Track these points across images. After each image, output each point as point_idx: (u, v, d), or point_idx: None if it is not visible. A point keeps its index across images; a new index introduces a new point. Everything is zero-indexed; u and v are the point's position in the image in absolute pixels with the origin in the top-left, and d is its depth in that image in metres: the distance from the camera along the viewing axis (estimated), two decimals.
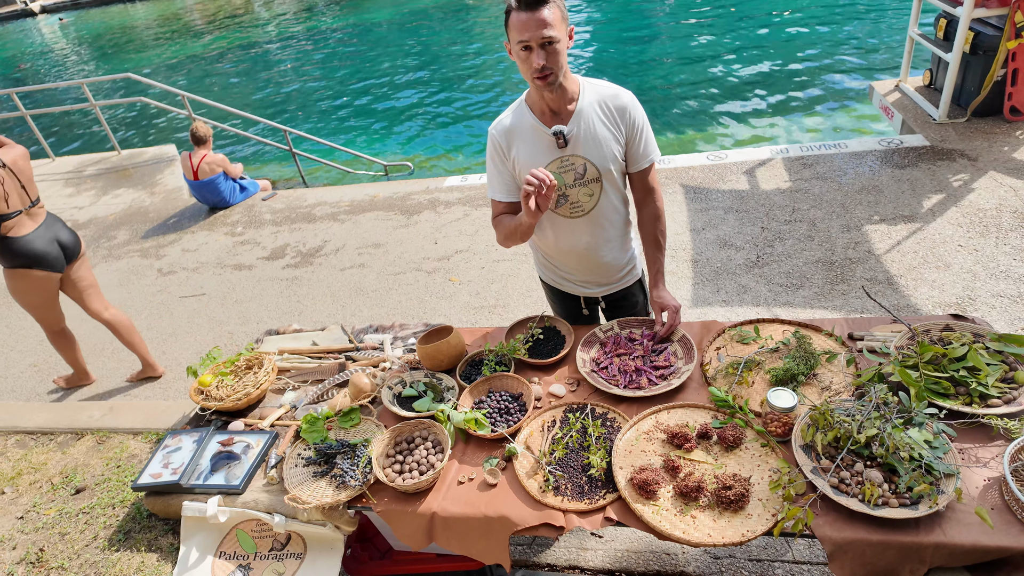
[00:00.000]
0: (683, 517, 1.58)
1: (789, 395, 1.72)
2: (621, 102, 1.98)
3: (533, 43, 1.77)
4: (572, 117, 1.96)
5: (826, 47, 9.34)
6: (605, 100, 1.97)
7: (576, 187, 2.04)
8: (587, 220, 2.10)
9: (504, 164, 2.08)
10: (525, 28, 1.75)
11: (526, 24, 1.74)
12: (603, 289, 2.32)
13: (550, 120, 1.97)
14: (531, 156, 2.00)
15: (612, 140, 1.99)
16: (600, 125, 1.97)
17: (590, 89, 1.98)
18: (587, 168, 2.00)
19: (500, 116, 2.08)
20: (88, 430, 3.04)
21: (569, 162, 2.00)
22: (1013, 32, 4.46)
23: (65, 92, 14.03)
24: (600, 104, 1.97)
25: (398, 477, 1.82)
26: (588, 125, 1.96)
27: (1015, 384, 1.70)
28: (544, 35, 1.75)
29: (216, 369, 2.38)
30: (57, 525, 2.40)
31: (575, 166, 2.00)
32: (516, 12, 1.76)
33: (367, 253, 5.08)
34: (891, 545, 1.44)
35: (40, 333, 4.73)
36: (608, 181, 2.04)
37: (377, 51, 13.79)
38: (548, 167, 2.00)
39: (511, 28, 1.79)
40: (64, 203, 7.06)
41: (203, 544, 1.97)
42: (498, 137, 2.05)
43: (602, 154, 1.99)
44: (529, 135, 2.00)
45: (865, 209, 4.31)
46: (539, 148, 1.99)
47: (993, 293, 3.43)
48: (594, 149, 1.98)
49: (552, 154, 1.99)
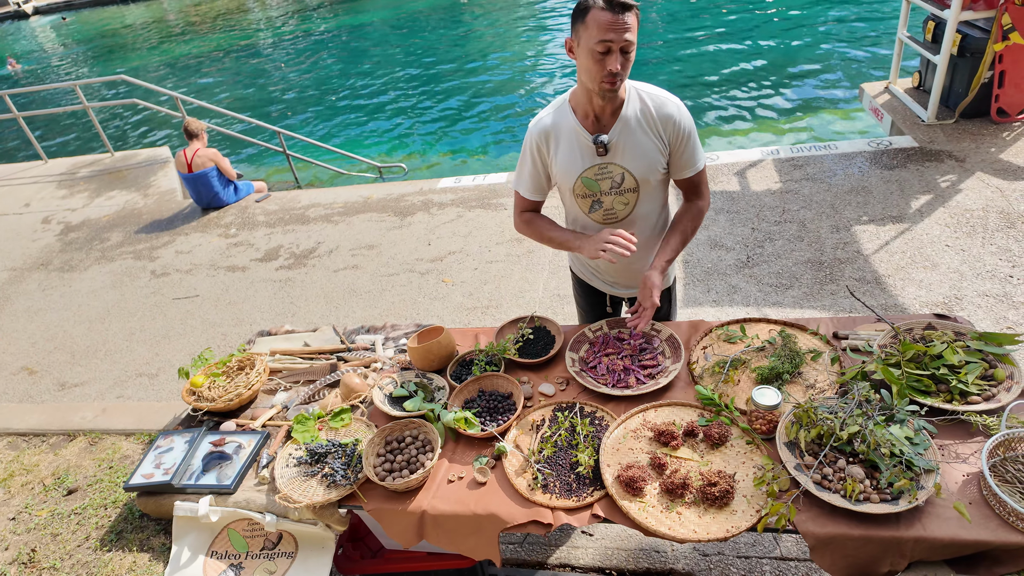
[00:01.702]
0: (669, 514, 1.61)
1: (774, 393, 1.75)
2: (667, 111, 1.91)
3: (615, 46, 1.70)
4: (615, 125, 1.90)
5: (817, 49, 9.41)
6: (651, 109, 1.90)
7: (612, 195, 2.01)
8: (621, 227, 2.07)
9: (538, 164, 2.05)
10: (611, 28, 1.67)
11: (612, 25, 1.67)
12: (630, 291, 2.32)
13: (592, 125, 1.92)
14: (569, 160, 1.97)
15: (654, 150, 1.93)
16: (643, 135, 1.92)
17: (636, 96, 1.91)
18: (625, 178, 1.97)
19: (540, 113, 2.03)
20: (80, 431, 3.05)
21: (607, 170, 1.96)
22: (1000, 34, 4.52)
23: (58, 94, 13.98)
24: (645, 112, 1.91)
25: (388, 476, 1.83)
26: (631, 134, 1.91)
27: (994, 381, 1.73)
28: (627, 39, 1.70)
29: (208, 370, 2.39)
30: (49, 526, 2.41)
31: (613, 175, 1.97)
32: (601, 11, 1.67)
33: (360, 254, 5.09)
34: (872, 540, 1.46)
35: (33, 336, 4.73)
36: (645, 191, 2.01)
37: (371, 53, 13.80)
38: (585, 173, 1.97)
39: (590, 26, 1.69)
40: (57, 205, 7.05)
41: (195, 544, 1.98)
42: (537, 137, 2.01)
43: (642, 165, 1.94)
44: (569, 137, 1.96)
45: (854, 210, 4.36)
46: (577, 152, 1.96)
47: (979, 293, 3.47)
48: (634, 159, 1.94)
49: (591, 160, 1.96)
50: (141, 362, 4.27)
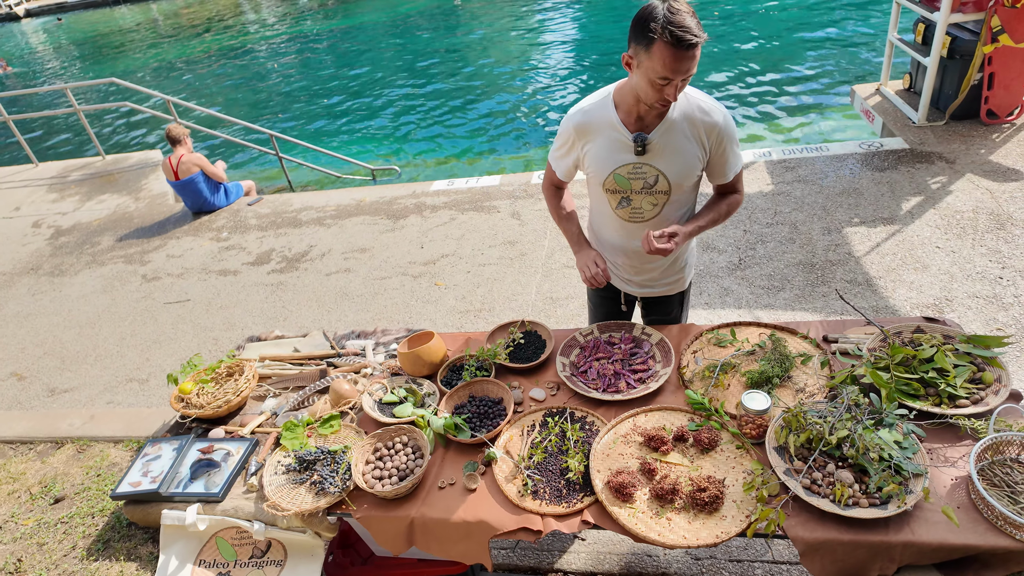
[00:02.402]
0: (659, 519, 1.60)
1: (763, 398, 1.75)
2: (712, 119, 1.88)
3: (677, 78, 1.69)
4: (659, 126, 1.88)
5: (808, 51, 9.45)
6: (696, 115, 1.88)
7: (642, 194, 1.99)
8: (645, 227, 2.07)
9: (571, 152, 2.06)
10: (675, 66, 1.65)
11: (677, 62, 1.64)
12: (643, 291, 2.32)
13: (634, 124, 1.89)
14: (604, 154, 1.96)
15: (693, 156, 1.91)
16: (685, 139, 1.89)
17: (683, 100, 1.88)
18: (659, 180, 1.95)
19: (581, 102, 2.00)
20: (68, 439, 3.02)
21: (641, 170, 1.95)
22: (989, 37, 4.54)
23: (49, 96, 13.89)
24: (690, 117, 1.88)
25: (377, 483, 1.82)
26: (672, 137, 1.88)
27: (982, 385, 1.73)
28: (690, 73, 1.69)
29: (197, 376, 2.37)
30: (35, 535, 2.38)
31: (646, 175, 1.95)
32: (667, 46, 1.62)
33: (353, 258, 5.08)
34: (861, 544, 1.46)
35: (22, 341, 4.70)
36: (676, 194, 1.99)
37: (364, 55, 13.78)
38: (618, 170, 1.96)
39: (653, 57, 1.65)
40: (48, 209, 7.00)
41: (183, 552, 1.96)
42: (575, 125, 1.99)
43: (679, 169, 1.92)
44: (607, 132, 1.93)
45: (845, 211, 4.37)
46: (613, 147, 1.94)
47: (969, 294, 3.48)
48: (671, 163, 1.91)
49: (626, 157, 1.94)
50: (132, 367, 4.24)
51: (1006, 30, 4.49)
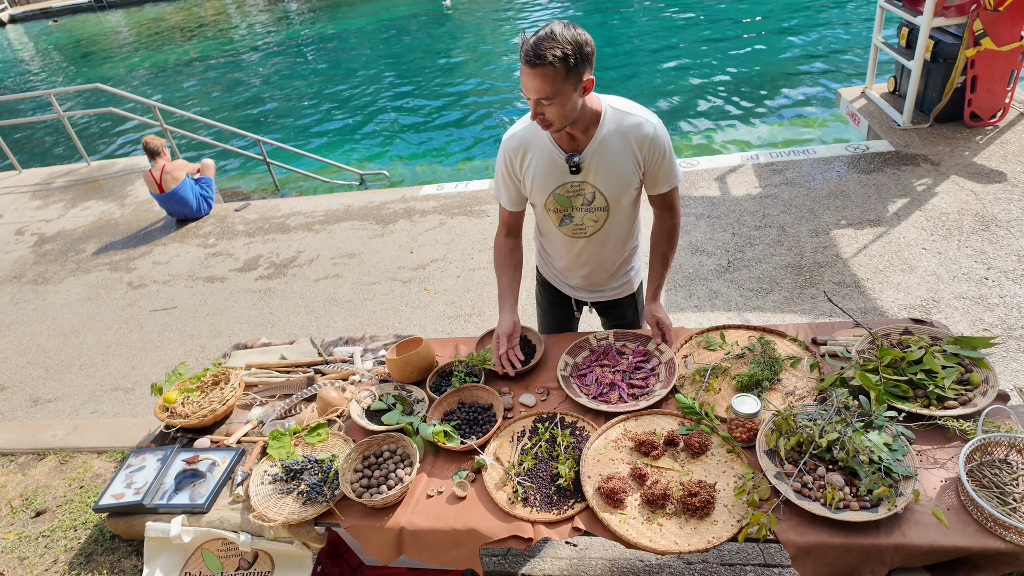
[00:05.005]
0: (650, 525, 1.59)
1: (753, 401, 1.74)
2: (643, 132, 1.88)
3: (529, 98, 1.73)
4: (589, 144, 1.88)
5: (795, 55, 9.54)
6: (627, 130, 1.88)
7: (582, 211, 2.01)
8: (588, 242, 2.09)
9: (512, 177, 2.05)
10: (524, 83, 1.70)
11: (526, 79, 1.69)
12: (593, 296, 2.33)
13: (567, 142, 1.90)
14: (542, 176, 1.96)
15: (629, 172, 1.92)
16: (618, 156, 1.89)
17: (612, 117, 1.88)
18: (596, 197, 1.96)
19: (514, 126, 2.01)
20: (50, 450, 2.97)
21: (579, 187, 1.96)
22: (971, 40, 4.60)
23: (33, 102, 13.73)
24: (621, 132, 1.88)
25: (366, 492, 1.80)
26: (605, 155, 1.89)
27: (970, 386, 1.73)
28: (540, 93, 1.69)
29: (182, 385, 2.34)
30: (16, 549, 2.33)
31: (584, 192, 1.96)
32: (522, 63, 1.68)
33: (341, 263, 5.04)
34: (852, 547, 1.46)
35: (4, 351, 4.62)
36: (615, 210, 2.00)
37: (353, 59, 13.75)
38: (557, 190, 1.97)
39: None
40: (31, 216, 6.90)
41: (167, 565, 1.93)
42: (510, 151, 2.00)
43: (615, 185, 1.94)
44: (542, 153, 1.94)
45: (833, 214, 4.40)
46: (550, 169, 1.95)
47: (956, 295, 3.51)
48: (607, 180, 1.93)
49: (563, 178, 1.95)
50: (117, 376, 4.18)
51: (988, 33, 4.54)
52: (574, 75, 1.69)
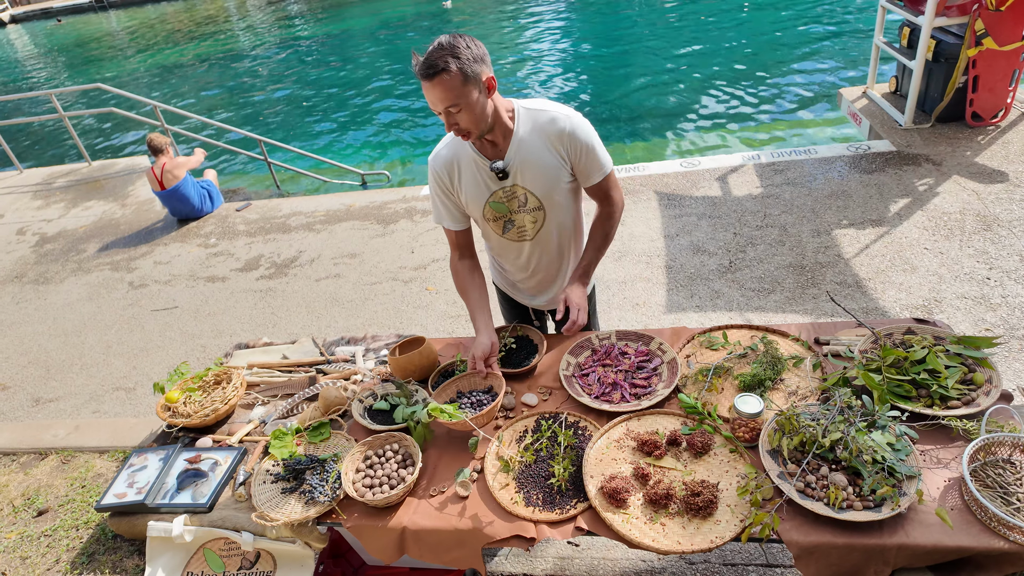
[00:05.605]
0: (653, 525, 1.59)
1: (756, 401, 1.74)
2: (558, 127, 1.89)
3: (438, 112, 1.75)
4: (510, 149, 1.90)
5: (795, 54, 9.53)
6: (543, 127, 1.90)
7: (521, 213, 2.04)
8: (532, 244, 2.12)
9: (449, 196, 2.06)
10: (429, 98, 1.72)
11: (428, 93, 1.71)
12: (551, 305, 2.35)
13: (489, 151, 1.93)
14: (474, 188, 1.99)
15: (555, 168, 1.94)
16: (540, 153, 1.91)
17: (526, 116, 1.90)
18: (528, 198, 1.99)
19: (437, 147, 2.03)
20: (52, 449, 2.97)
21: (511, 191, 1.98)
22: (973, 40, 4.60)
23: (34, 102, 13.74)
24: (538, 131, 1.90)
25: (368, 492, 1.80)
26: (527, 155, 1.91)
27: (973, 386, 1.73)
28: (445, 102, 1.71)
29: (184, 385, 2.34)
30: (18, 549, 2.33)
31: (517, 195, 1.99)
32: (420, 80, 1.71)
33: (343, 263, 5.04)
34: (856, 547, 1.45)
35: (6, 351, 4.62)
36: (551, 207, 2.02)
37: (354, 59, 13.75)
38: (492, 198, 2.00)
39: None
40: (32, 216, 6.91)
41: (169, 565, 1.92)
42: (439, 170, 2.01)
43: (543, 183, 1.95)
44: (470, 167, 1.97)
45: (834, 214, 4.39)
46: (480, 180, 1.98)
47: (958, 295, 3.51)
48: (534, 179, 1.95)
49: (493, 185, 1.98)
50: (118, 376, 4.18)
51: (990, 33, 4.54)
52: (472, 77, 1.71)
